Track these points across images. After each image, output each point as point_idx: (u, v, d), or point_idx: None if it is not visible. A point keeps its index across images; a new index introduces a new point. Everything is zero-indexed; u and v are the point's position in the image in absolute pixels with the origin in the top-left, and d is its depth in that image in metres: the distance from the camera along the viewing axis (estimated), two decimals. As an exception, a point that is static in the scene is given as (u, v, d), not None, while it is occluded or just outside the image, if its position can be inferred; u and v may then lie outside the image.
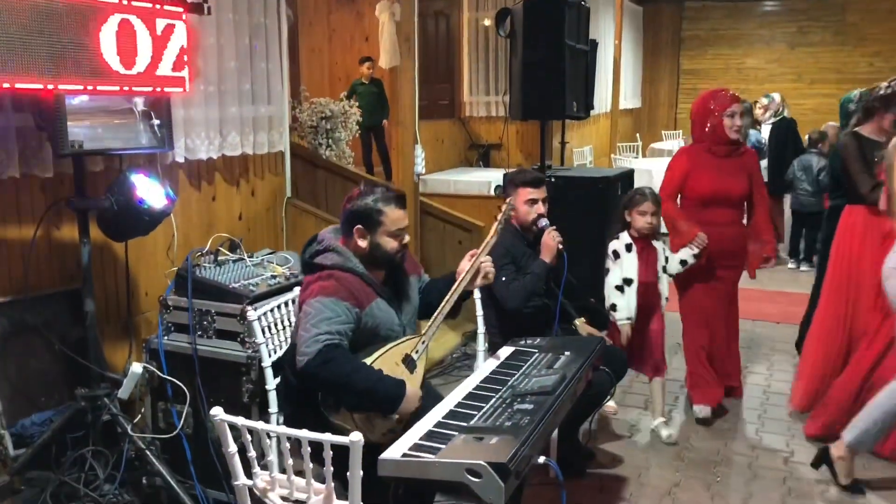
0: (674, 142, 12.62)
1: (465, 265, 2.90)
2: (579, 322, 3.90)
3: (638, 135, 13.18)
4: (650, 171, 9.59)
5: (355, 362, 2.57)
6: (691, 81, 14.09)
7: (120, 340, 3.75)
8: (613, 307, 4.05)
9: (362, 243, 2.75)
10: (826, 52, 13.06)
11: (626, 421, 4.43)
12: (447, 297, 2.83)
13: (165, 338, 3.41)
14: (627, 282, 4.05)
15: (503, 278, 3.55)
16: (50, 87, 2.74)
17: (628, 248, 4.10)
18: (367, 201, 2.73)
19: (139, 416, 3.48)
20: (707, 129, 4.23)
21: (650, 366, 4.19)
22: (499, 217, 3.08)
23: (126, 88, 3.03)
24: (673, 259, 4.21)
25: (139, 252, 3.82)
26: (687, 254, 4.19)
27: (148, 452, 3.23)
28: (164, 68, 3.18)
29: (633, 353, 4.09)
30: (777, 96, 8.70)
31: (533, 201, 3.75)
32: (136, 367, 3.28)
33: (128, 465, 3.25)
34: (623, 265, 4.08)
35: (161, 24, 3.16)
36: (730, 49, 13.75)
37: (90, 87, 2.90)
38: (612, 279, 4.08)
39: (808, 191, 7.77)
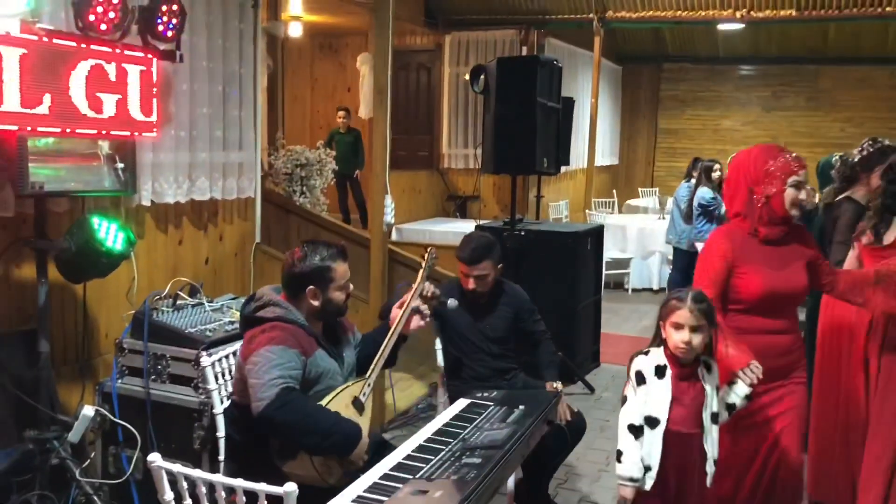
0: (650, 198, 12.78)
1: (395, 313, 3.00)
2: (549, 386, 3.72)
3: (614, 191, 13.35)
4: (623, 227, 9.71)
5: (313, 404, 2.59)
6: (668, 140, 14.34)
7: (75, 382, 3.71)
8: (619, 455, 2.79)
9: (315, 302, 2.79)
10: (799, 117, 13.37)
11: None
12: (384, 343, 2.90)
13: (120, 381, 3.39)
14: (651, 422, 2.73)
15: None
16: (14, 128, 2.78)
17: (659, 372, 2.75)
18: (315, 261, 2.77)
19: (88, 460, 3.43)
20: (758, 201, 2.99)
21: None
22: (423, 264, 3.21)
23: (93, 132, 3.07)
24: (733, 392, 2.82)
25: (100, 293, 3.81)
26: (742, 388, 2.81)
27: (96, 498, 3.18)
28: (133, 113, 3.22)
29: None
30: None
31: (465, 276, 3.77)
32: (88, 411, 3.25)
33: (74, 511, 3.20)
34: (648, 396, 2.75)
35: (132, 69, 3.21)
36: (706, 110, 14.04)
37: (58, 130, 2.94)
38: (628, 414, 2.78)
39: None
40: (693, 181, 8.16)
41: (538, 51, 9.36)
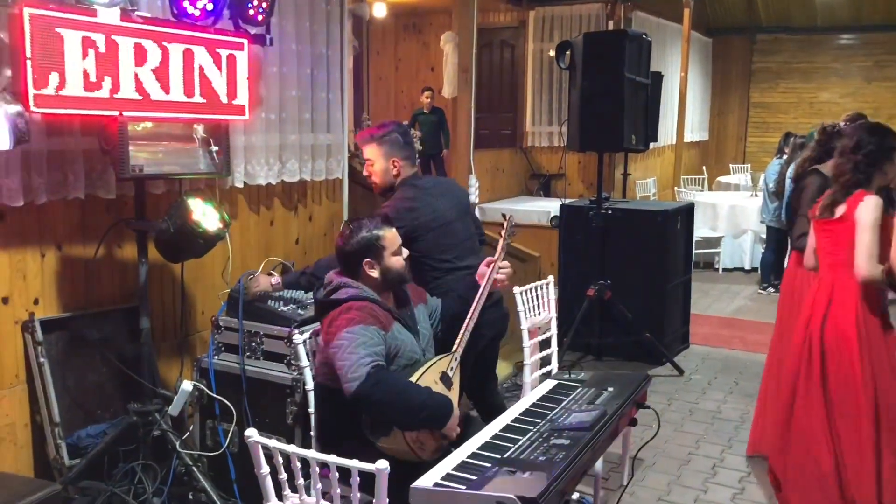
0: (741, 175, 12.38)
1: (484, 270, 3.05)
2: None
3: (704, 168, 12.99)
4: (714, 205, 9.44)
5: (404, 380, 2.63)
6: (761, 115, 13.83)
7: (174, 357, 3.86)
8: None
9: (374, 273, 2.83)
10: (905, 87, 12.69)
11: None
12: (474, 304, 2.94)
13: (216, 357, 3.50)
14: None
15: None
16: (114, 113, 2.89)
17: None
18: (363, 234, 2.83)
19: (188, 432, 3.57)
20: None
21: None
22: (503, 233, 3.17)
23: (188, 116, 3.17)
24: None
25: (197, 272, 3.94)
26: None
27: (195, 469, 3.31)
28: (226, 97, 3.30)
29: None
30: None
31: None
32: (187, 385, 3.37)
33: (175, 480, 3.34)
34: None
35: (224, 54, 3.29)
36: (802, 82, 13.46)
37: (153, 115, 3.04)
38: None
39: None
40: (784, 157, 7.87)
41: (625, 25, 9.14)
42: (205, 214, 3.19)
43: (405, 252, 2.92)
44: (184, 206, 3.16)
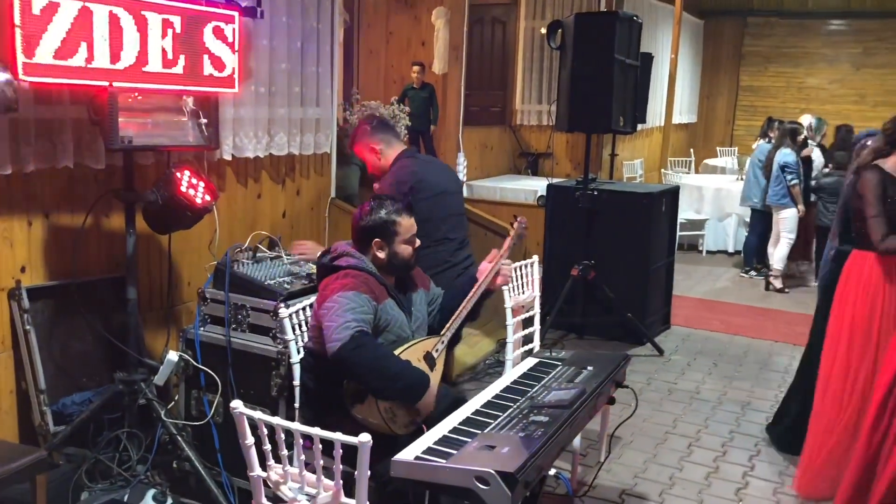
0: (728, 158, 12.45)
1: (485, 266, 3.06)
2: None
3: (692, 150, 13.04)
4: (700, 188, 9.51)
5: (385, 349, 2.68)
6: (749, 98, 13.87)
7: (160, 328, 3.89)
8: None
9: (381, 254, 2.87)
10: (893, 75, 12.73)
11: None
12: (469, 296, 2.97)
13: (202, 329, 3.53)
14: None
15: None
16: (104, 84, 2.89)
17: None
18: (381, 214, 2.86)
19: (173, 402, 3.61)
20: None
21: None
22: (512, 232, 3.22)
23: (177, 87, 3.16)
24: None
25: (184, 244, 3.96)
26: None
27: (179, 438, 3.35)
28: (216, 69, 3.30)
29: None
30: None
31: None
32: (173, 356, 3.41)
33: (160, 449, 3.39)
34: None
35: (216, 26, 3.28)
36: (792, 67, 13.50)
37: (144, 86, 3.04)
38: None
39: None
40: (770, 141, 7.94)
41: (617, 5, 9.12)
42: (193, 187, 3.20)
43: (417, 242, 2.95)
44: (172, 178, 3.17)
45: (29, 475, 2.80)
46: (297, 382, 3.07)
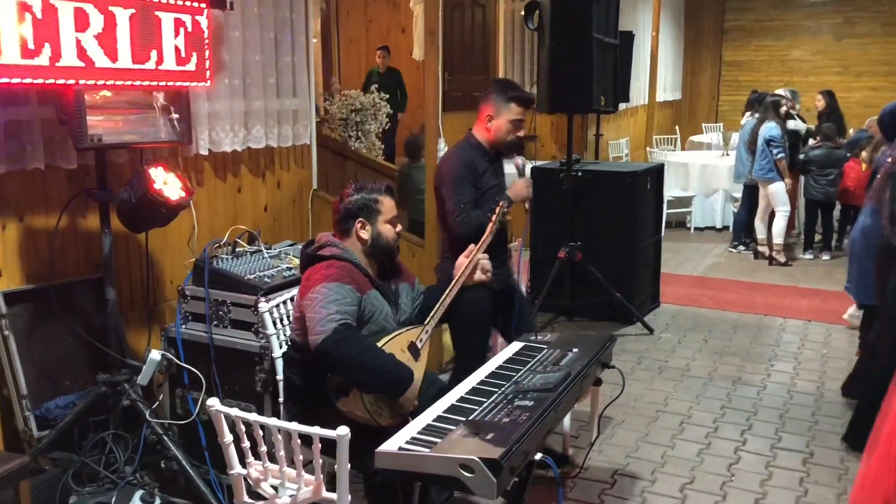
0: (713, 134, 12.43)
1: (462, 261, 3.06)
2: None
3: (677, 127, 13.01)
4: (686, 165, 9.48)
5: (368, 342, 2.65)
6: (733, 73, 13.84)
7: (142, 328, 3.85)
8: None
9: (364, 234, 2.87)
10: (874, 44, 12.72)
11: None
12: (448, 289, 2.96)
13: (183, 326, 3.49)
14: None
15: (460, 200, 3.48)
16: (70, 82, 2.83)
17: None
18: (363, 194, 2.89)
19: (157, 402, 3.57)
20: None
21: None
22: (493, 217, 3.21)
23: (146, 83, 3.11)
24: None
25: (163, 242, 3.92)
26: None
27: (165, 438, 3.32)
28: (186, 63, 3.25)
29: None
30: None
31: (519, 122, 3.67)
32: (155, 355, 3.37)
33: (146, 449, 3.35)
34: None
35: (183, 18, 3.23)
36: (774, 40, 13.47)
37: (110, 83, 2.99)
38: None
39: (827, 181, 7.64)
40: (756, 115, 7.91)
41: (595, -17, 9.06)
42: (166, 184, 3.16)
43: (399, 227, 2.96)
44: (145, 175, 3.12)
45: (11, 482, 2.76)
46: (279, 377, 3.04)
